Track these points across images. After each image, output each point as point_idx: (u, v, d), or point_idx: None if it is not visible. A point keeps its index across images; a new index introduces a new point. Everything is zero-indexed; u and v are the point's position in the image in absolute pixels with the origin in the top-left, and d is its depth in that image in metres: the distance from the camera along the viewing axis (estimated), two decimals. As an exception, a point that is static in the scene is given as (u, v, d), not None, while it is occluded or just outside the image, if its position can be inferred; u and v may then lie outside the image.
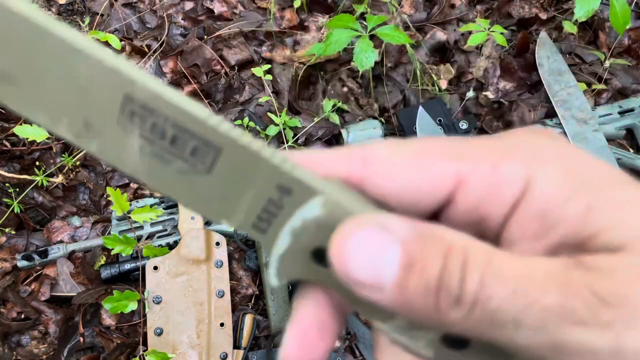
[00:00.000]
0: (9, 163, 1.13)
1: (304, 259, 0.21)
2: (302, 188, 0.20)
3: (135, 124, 0.19)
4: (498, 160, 0.19)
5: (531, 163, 0.19)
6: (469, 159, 0.19)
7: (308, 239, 0.21)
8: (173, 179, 0.21)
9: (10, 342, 0.99)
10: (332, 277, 0.20)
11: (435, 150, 0.20)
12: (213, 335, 0.97)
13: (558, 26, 1.31)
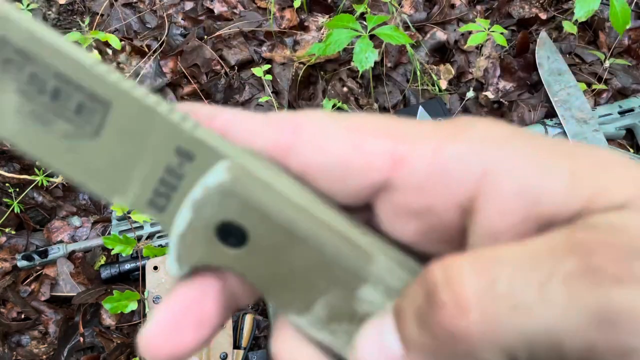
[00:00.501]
0: (9, 163, 1.13)
1: (208, 237, 0.18)
2: (205, 151, 0.17)
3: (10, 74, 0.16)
4: (441, 142, 0.16)
5: (483, 145, 0.16)
6: (408, 138, 0.17)
7: (211, 212, 0.17)
8: (56, 146, 0.18)
9: (10, 342, 0.99)
10: (241, 260, 0.18)
11: (372, 126, 0.17)
12: (213, 335, 0.97)
13: (558, 26, 1.31)
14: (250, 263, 0.18)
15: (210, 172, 0.17)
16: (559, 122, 1.15)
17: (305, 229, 0.17)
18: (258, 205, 0.17)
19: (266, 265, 0.18)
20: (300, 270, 0.18)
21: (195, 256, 0.18)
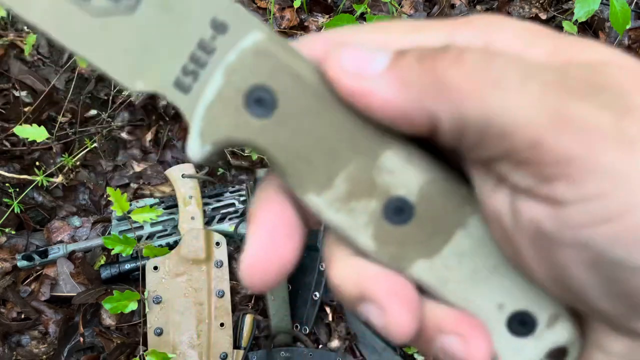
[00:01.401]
0: (9, 163, 1.13)
1: (236, 107, 0.18)
2: (241, 20, 0.17)
3: None
4: (453, 29, 0.19)
5: (487, 29, 0.18)
6: (425, 29, 0.19)
7: (244, 75, 0.17)
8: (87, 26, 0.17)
9: (10, 342, 0.99)
10: (267, 131, 0.18)
11: (394, 26, 0.19)
12: (213, 335, 0.97)
13: (558, 26, 1.31)
14: (276, 134, 0.18)
15: (245, 37, 0.17)
16: (559, 122, 1.15)
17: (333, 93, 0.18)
18: (292, 66, 0.17)
19: (292, 135, 0.18)
20: (326, 139, 0.18)
21: (220, 129, 0.18)
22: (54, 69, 1.26)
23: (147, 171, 1.14)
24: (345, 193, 0.19)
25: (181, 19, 0.17)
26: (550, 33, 0.18)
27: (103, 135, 1.18)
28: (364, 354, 0.99)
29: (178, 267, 0.99)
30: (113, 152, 1.18)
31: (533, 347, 0.19)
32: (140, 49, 0.18)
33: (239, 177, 1.16)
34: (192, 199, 1.05)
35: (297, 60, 0.18)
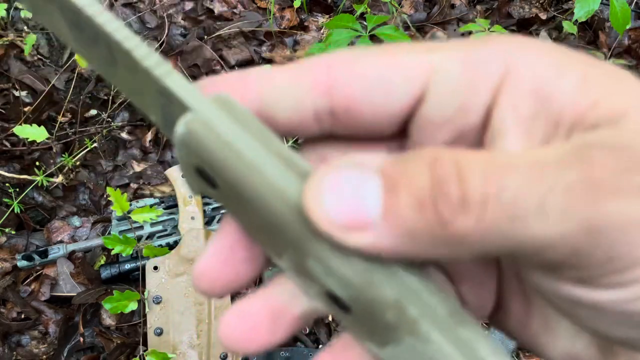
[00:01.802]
0: (9, 163, 1.13)
1: (192, 174, 0.18)
2: (175, 99, 0.17)
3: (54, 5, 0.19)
4: (472, 48, 0.17)
5: (509, 49, 0.17)
6: (441, 50, 0.17)
7: (185, 157, 0.18)
8: (99, 60, 0.20)
9: (10, 342, 0.99)
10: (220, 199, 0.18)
11: (404, 47, 0.18)
12: (213, 335, 0.97)
13: (558, 26, 1.31)
14: (225, 203, 0.18)
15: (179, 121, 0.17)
16: (559, 122, 1.15)
17: (251, 191, 0.16)
18: (211, 160, 0.17)
19: (235, 212, 0.18)
20: (257, 226, 0.17)
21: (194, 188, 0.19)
22: (54, 69, 1.26)
23: (147, 171, 1.14)
24: (293, 268, 0.18)
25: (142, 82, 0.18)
26: (577, 58, 0.17)
27: (103, 135, 1.18)
28: (364, 354, 0.99)
29: (178, 267, 0.99)
30: (113, 152, 1.18)
31: None
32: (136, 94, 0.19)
33: (239, 177, 1.16)
34: (192, 199, 1.05)
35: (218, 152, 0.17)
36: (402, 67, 0.17)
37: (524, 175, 0.14)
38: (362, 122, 0.18)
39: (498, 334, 0.99)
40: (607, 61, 0.15)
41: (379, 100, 0.17)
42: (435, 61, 0.17)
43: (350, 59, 0.18)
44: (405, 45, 0.18)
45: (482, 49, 0.17)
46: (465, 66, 0.17)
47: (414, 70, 0.17)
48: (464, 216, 0.14)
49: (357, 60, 0.17)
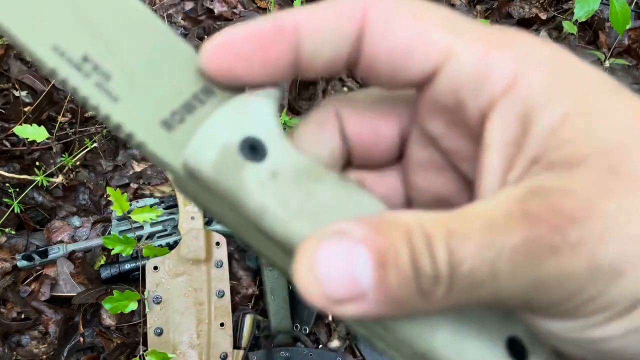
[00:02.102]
0: (9, 163, 1.13)
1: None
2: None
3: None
4: (492, 46, 0.18)
5: (522, 59, 0.17)
6: (464, 36, 0.18)
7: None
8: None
9: (10, 342, 0.99)
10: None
11: (434, 16, 0.18)
12: (213, 335, 0.97)
13: (558, 26, 1.31)
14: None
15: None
16: (559, 122, 1.15)
17: None
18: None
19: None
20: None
21: None
22: (54, 69, 1.26)
23: (147, 171, 1.14)
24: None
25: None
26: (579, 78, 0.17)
27: (103, 135, 1.18)
28: (364, 354, 0.99)
29: (178, 267, 0.99)
30: (113, 152, 1.18)
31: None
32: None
33: (239, 177, 1.16)
34: (192, 199, 1.05)
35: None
36: (426, 41, 0.18)
37: (477, 244, 0.15)
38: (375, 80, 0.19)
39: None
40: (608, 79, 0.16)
41: (398, 64, 0.19)
42: (455, 47, 0.18)
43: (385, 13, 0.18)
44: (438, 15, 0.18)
45: (498, 51, 0.18)
46: (477, 63, 0.18)
47: (434, 48, 0.18)
48: (438, 287, 0.16)
49: (391, 17, 0.18)
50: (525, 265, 0.15)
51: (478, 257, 0.15)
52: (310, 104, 1.23)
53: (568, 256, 0.15)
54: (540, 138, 0.16)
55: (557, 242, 0.15)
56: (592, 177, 0.15)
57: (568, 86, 0.17)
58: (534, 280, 0.15)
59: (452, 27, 0.18)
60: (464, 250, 0.16)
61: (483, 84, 0.17)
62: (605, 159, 0.16)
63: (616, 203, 0.15)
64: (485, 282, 0.16)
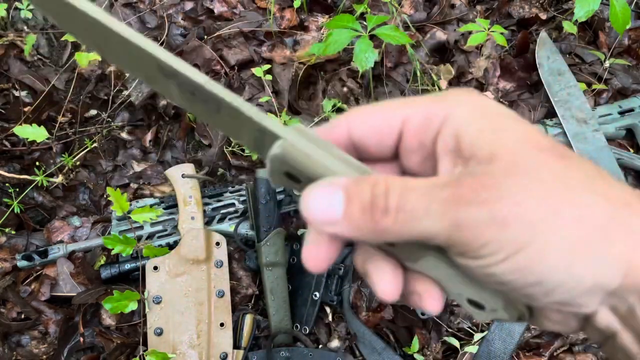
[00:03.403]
0: (9, 163, 1.13)
1: (282, 177, 0.28)
2: (270, 132, 0.27)
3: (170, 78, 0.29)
4: (430, 104, 0.28)
5: (452, 104, 0.27)
6: (411, 105, 0.28)
7: (278, 167, 0.28)
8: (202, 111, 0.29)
9: (10, 342, 0.99)
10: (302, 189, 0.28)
11: (391, 103, 0.29)
12: (213, 335, 0.97)
13: (558, 26, 1.31)
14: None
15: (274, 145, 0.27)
16: (559, 122, 1.15)
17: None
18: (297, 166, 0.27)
19: None
20: None
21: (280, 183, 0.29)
22: (54, 69, 1.26)
23: (147, 171, 1.14)
24: None
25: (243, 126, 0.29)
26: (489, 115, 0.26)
27: (103, 135, 1.18)
28: (364, 354, 0.99)
29: (178, 267, 0.99)
30: (113, 152, 1.18)
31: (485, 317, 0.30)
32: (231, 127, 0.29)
33: (239, 177, 1.16)
34: (192, 199, 1.05)
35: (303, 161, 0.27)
36: (389, 119, 0.29)
37: (420, 194, 0.25)
38: (370, 152, 0.30)
39: (505, 327, 0.99)
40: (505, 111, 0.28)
41: (377, 141, 0.29)
42: (408, 114, 0.28)
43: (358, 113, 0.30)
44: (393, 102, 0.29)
45: (435, 105, 0.28)
46: (424, 118, 0.28)
47: (395, 121, 0.28)
48: (386, 218, 0.25)
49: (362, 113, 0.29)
50: (450, 210, 0.24)
51: (419, 201, 0.24)
52: (310, 104, 1.23)
53: (477, 207, 0.23)
54: (468, 146, 0.25)
55: (472, 198, 0.24)
56: (500, 166, 0.24)
57: (482, 114, 0.26)
58: (454, 221, 0.24)
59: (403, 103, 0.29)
60: (410, 196, 0.25)
61: (429, 127, 0.28)
62: (508, 156, 0.24)
63: (512, 181, 0.24)
64: (421, 218, 0.24)
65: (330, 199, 0.26)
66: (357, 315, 1.02)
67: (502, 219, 0.23)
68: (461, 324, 1.03)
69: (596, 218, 0.23)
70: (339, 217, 0.26)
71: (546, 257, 0.23)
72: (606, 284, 0.24)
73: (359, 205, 0.25)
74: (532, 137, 0.25)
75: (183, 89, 0.28)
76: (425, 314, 0.98)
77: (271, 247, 1.00)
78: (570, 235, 0.23)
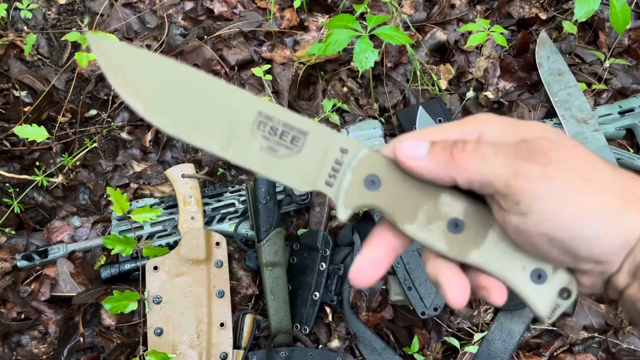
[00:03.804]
0: (9, 163, 1.13)
1: (360, 187, 0.35)
2: (353, 146, 0.35)
3: (260, 129, 0.33)
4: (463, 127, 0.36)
5: (481, 125, 0.35)
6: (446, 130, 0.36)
7: (361, 171, 0.34)
8: (277, 163, 0.34)
9: (10, 342, 0.99)
10: (378, 197, 0.35)
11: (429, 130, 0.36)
12: (213, 335, 0.97)
13: (558, 26, 1.31)
14: (383, 198, 0.35)
15: (358, 153, 0.35)
16: (559, 122, 1.15)
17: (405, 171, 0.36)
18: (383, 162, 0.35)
19: (391, 197, 0.35)
20: (408, 195, 0.35)
21: (353, 202, 0.35)
22: (54, 69, 1.26)
23: (147, 171, 1.14)
24: (425, 221, 0.35)
25: (325, 150, 0.35)
26: (512, 123, 0.35)
27: (103, 135, 1.18)
28: (364, 354, 0.99)
29: (178, 267, 0.99)
30: (113, 152, 1.18)
31: (548, 289, 0.35)
32: (306, 171, 0.35)
33: (239, 177, 1.16)
34: (192, 199, 1.05)
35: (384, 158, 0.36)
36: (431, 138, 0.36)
37: (489, 146, 0.33)
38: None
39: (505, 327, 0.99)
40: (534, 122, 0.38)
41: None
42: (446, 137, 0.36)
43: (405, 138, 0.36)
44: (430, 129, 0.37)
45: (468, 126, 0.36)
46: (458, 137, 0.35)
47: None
48: (462, 154, 0.33)
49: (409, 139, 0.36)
50: (512, 161, 0.32)
51: (489, 150, 0.33)
52: (310, 104, 1.23)
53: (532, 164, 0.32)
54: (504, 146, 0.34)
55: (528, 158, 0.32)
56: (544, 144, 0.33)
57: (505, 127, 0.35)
58: (515, 169, 0.32)
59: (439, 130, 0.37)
60: (482, 146, 0.33)
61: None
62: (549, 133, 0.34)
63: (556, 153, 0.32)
64: (491, 161, 0.32)
65: (419, 143, 0.34)
66: (357, 315, 1.02)
67: (551, 175, 0.31)
68: (461, 324, 1.03)
69: (615, 188, 0.31)
70: (424, 155, 0.34)
71: (586, 212, 0.30)
72: (630, 240, 0.31)
73: (440, 146, 0.34)
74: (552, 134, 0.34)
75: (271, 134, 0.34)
76: (425, 313, 0.98)
77: (271, 247, 1.00)
78: (601, 199, 0.31)
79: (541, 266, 0.34)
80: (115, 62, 0.32)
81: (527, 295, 0.34)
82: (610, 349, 1.00)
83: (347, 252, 1.03)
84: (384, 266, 0.36)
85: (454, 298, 0.34)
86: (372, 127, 1.12)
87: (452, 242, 0.34)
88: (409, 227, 0.35)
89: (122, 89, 0.32)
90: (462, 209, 0.35)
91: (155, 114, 0.32)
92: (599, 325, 1.02)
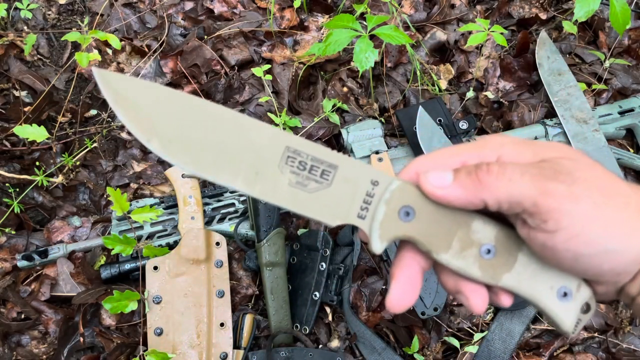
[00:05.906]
0: (9, 163, 1.13)
1: (395, 219, 0.35)
2: (385, 178, 0.35)
3: (288, 164, 0.33)
4: (480, 149, 0.37)
5: (497, 147, 0.36)
6: (465, 151, 0.37)
7: (395, 203, 0.34)
8: (307, 198, 0.34)
9: (10, 342, 0.99)
10: (413, 228, 0.35)
11: (447, 151, 0.38)
12: (213, 335, 0.97)
13: (558, 26, 1.31)
14: (418, 228, 0.35)
15: (390, 185, 0.35)
16: (559, 122, 1.15)
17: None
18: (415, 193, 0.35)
19: (426, 227, 0.35)
20: (441, 223, 0.35)
21: (388, 234, 0.35)
22: (54, 69, 1.26)
23: (147, 171, 1.14)
24: (459, 248, 0.35)
25: (356, 183, 0.34)
26: (530, 144, 0.36)
27: (103, 135, 1.18)
28: (364, 353, 0.99)
29: (178, 267, 0.99)
30: (113, 152, 1.18)
31: (573, 306, 0.35)
32: (337, 205, 0.34)
33: (239, 177, 1.15)
34: (192, 199, 1.05)
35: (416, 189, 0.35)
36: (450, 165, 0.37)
37: (514, 166, 0.34)
38: None
39: (505, 327, 0.99)
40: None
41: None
42: (465, 159, 0.37)
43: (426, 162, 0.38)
44: (448, 150, 0.38)
45: (485, 148, 0.37)
46: (478, 160, 0.36)
47: (455, 165, 0.37)
48: (489, 175, 0.34)
49: (430, 162, 0.38)
50: (538, 181, 0.32)
51: (515, 170, 0.33)
52: (310, 104, 1.23)
53: (558, 183, 0.32)
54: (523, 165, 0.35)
55: (554, 177, 0.33)
56: (566, 164, 0.34)
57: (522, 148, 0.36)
58: (542, 188, 0.32)
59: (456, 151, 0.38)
60: (507, 166, 0.34)
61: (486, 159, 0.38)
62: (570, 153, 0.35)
63: (579, 173, 0.33)
64: (517, 181, 0.33)
65: (443, 174, 0.35)
66: (357, 315, 1.02)
67: (577, 194, 0.32)
68: (461, 324, 1.03)
69: (633, 203, 0.33)
70: (449, 182, 0.34)
71: (610, 229, 0.32)
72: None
73: (464, 172, 0.34)
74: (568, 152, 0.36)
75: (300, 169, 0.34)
76: (425, 313, 0.98)
77: (271, 247, 1.00)
78: (623, 215, 0.32)
79: (566, 284, 0.35)
80: (125, 98, 0.30)
81: (555, 313, 0.35)
82: (610, 349, 1.00)
83: (347, 252, 1.03)
84: (419, 287, 0.37)
85: (477, 305, 0.36)
86: (372, 127, 1.12)
87: (485, 267, 0.35)
88: (444, 256, 0.35)
89: (135, 126, 0.30)
90: (493, 235, 0.35)
91: (172, 151, 0.30)
92: (599, 325, 1.02)
